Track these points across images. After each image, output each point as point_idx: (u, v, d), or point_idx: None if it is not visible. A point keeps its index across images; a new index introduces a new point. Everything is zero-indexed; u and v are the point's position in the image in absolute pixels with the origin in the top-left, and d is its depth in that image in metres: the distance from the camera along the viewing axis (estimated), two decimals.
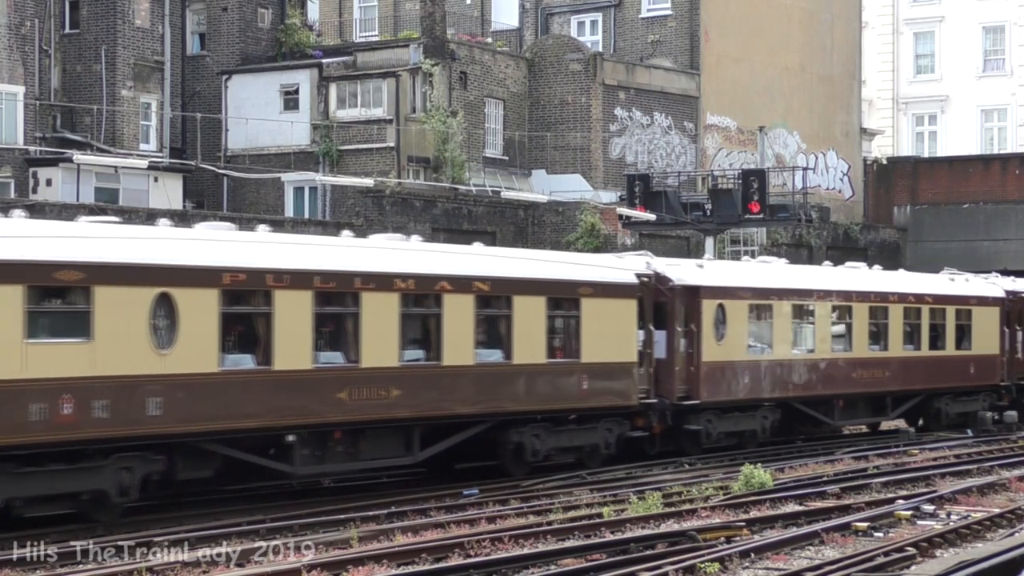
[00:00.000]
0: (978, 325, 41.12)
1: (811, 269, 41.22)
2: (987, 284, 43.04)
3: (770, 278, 35.09)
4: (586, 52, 57.13)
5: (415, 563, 18.37)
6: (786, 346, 34.31)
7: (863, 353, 36.78)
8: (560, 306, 28.69)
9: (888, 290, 38.23)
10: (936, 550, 19.53)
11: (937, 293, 40.14)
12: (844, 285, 36.85)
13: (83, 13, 50.83)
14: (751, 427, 33.54)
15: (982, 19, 78.39)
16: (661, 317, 31.03)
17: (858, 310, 36.75)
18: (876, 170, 67.73)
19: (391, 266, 25.48)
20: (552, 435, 28.26)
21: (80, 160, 43.51)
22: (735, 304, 32.71)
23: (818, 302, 35.43)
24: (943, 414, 40.11)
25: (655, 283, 30.85)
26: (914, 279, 41.69)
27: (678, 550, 19.14)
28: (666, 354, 31.04)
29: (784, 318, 34.37)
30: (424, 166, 51.61)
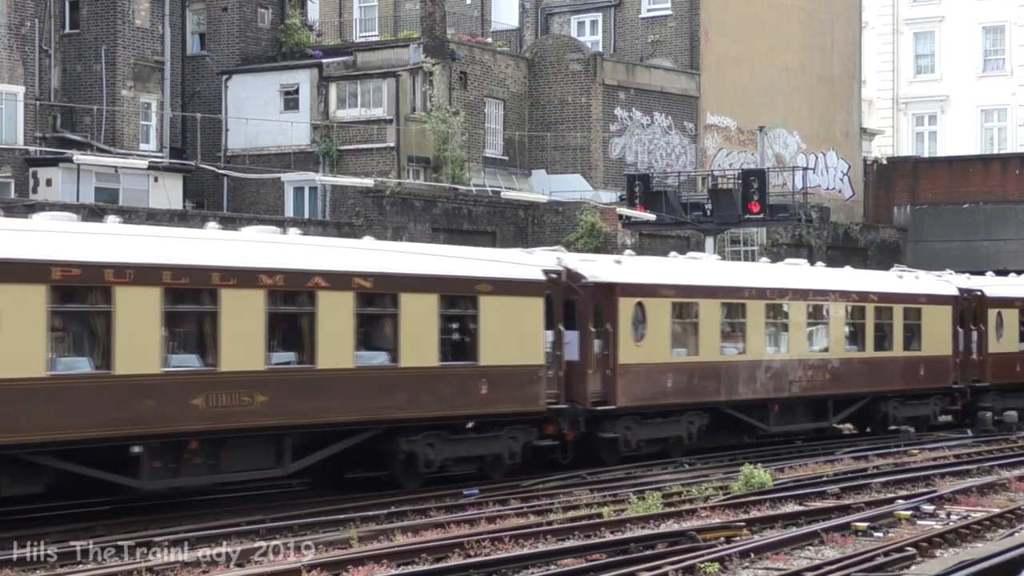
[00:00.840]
0: (929, 325, 39.32)
1: (745, 266, 39.69)
2: (939, 282, 41.28)
3: (697, 275, 33.04)
4: (586, 52, 57.14)
5: (415, 563, 18.37)
6: (714, 347, 32.45)
7: (801, 354, 34.92)
8: (455, 304, 26.72)
9: (829, 288, 36.36)
10: (936, 550, 19.53)
11: (883, 291, 38.32)
12: (780, 282, 35.06)
13: (83, 13, 50.84)
14: (675, 433, 31.63)
15: (982, 19, 78.40)
16: (574, 317, 29.22)
17: (795, 309, 34.89)
18: (876, 170, 67.73)
19: (256, 261, 23.47)
20: (448, 444, 26.32)
21: (80, 160, 43.50)
22: (656, 302, 30.88)
23: (750, 300, 33.51)
24: (890, 418, 38.45)
25: (566, 280, 28.89)
26: (859, 276, 39.88)
27: (678, 550, 19.14)
28: (579, 356, 29.11)
29: (712, 317, 32.46)
30: (424, 166, 51.62)
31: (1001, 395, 42.09)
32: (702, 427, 32.25)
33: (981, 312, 41.35)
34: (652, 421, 30.99)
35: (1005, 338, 42.10)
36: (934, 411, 40.03)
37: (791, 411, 35.22)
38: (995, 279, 45.13)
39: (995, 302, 41.96)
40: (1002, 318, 42.06)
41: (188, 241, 23.60)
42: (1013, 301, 43.09)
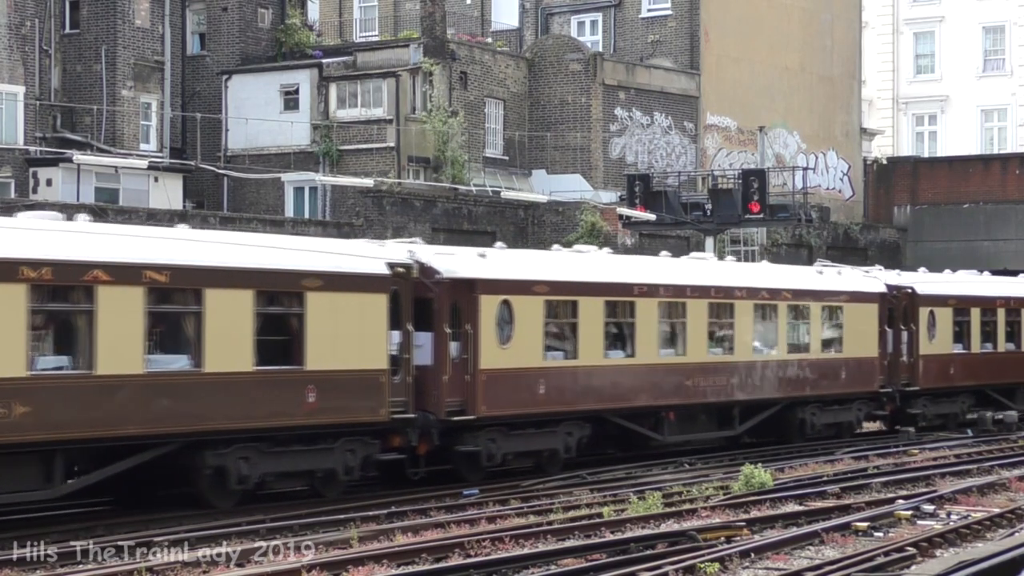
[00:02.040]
0: (852, 324, 36.51)
1: (637, 260, 36.19)
2: (864, 278, 38.42)
3: (576, 270, 29.87)
4: (586, 52, 57.14)
5: (415, 563, 18.37)
6: (597, 350, 29.45)
7: (701, 357, 31.96)
8: (276, 302, 23.90)
9: (734, 284, 33.45)
10: (936, 550, 19.53)
11: (798, 288, 35.40)
12: (677, 278, 32.11)
13: (83, 13, 50.84)
14: (551, 446, 28.62)
15: (982, 19, 78.40)
16: (428, 316, 26.35)
17: (694, 307, 31.87)
18: (876, 170, 67.73)
19: (19, 251, 20.58)
20: (267, 458, 23.52)
21: (80, 160, 43.52)
22: (526, 300, 27.86)
23: (641, 298, 30.50)
24: (808, 425, 35.42)
25: (418, 275, 26.03)
26: (771, 272, 37.03)
27: (678, 550, 19.14)
28: (432, 360, 26.19)
29: (594, 317, 29.44)
30: (424, 166, 51.63)
31: (934, 400, 39.61)
32: (583, 439, 29.27)
33: (912, 310, 38.60)
34: (522, 433, 28.01)
35: (938, 339, 39.37)
36: (858, 417, 37.48)
37: (690, 419, 32.41)
38: (927, 275, 42.14)
39: (927, 300, 39.10)
40: (935, 317, 39.30)
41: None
42: (947, 299, 40.22)
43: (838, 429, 36.57)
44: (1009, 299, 42.76)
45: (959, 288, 41.38)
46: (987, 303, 41.84)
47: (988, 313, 41.76)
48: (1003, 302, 42.39)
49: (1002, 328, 42.12)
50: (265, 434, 23.50)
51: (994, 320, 41.91)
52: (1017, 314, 42.83)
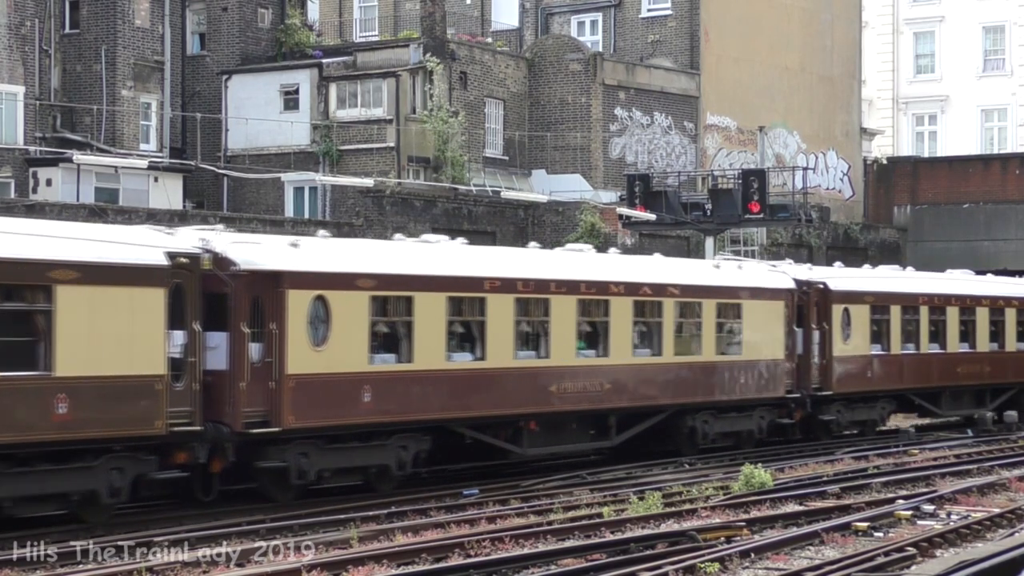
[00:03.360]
0: (753, 323, 33.43)
1: (491, 251, 32.92)
2: (769, 273, 35.47)
3: (413, 262, 26.58)
4: (586, 52, 57.14)
5: (415, 563, 18.38)
6: (437, 353, 26.19)
7: (568, 360, 28.75)
8: (16, 296, 20.86)
9: (611, 279, 30.17)
10: (936, 550, 19.54)
11: (688, 283, 32.23)
12: (539, 272, 28.77)
13: (83, 13, 50.84)
14: (380, 461, 25.55)
15: (982, 19, 78.40)
16: (225, 314, 23.36)
17: (560, 304, 28.67)
18: (876, 170, 67.74)
19: None
20: (5, 480, 20.54)
21: (80, 160, 43.50)
22: (347, 296, 24.70)
23: (494, 294, 27.27)
24: (700, 434, 32.38)
25: (211, 266, 22.96)
26: (657, 265, 33.40)
27: (678, 550, 19.15)
28: (228, 365, 23.12)
29: (434, 316, 26.14)
30: (424, 166, 51.62)
31: (848, 405, 36.83)
32: (421, 453, 26.16)
33: (824, 308, 35.69)
34: (343, 446, 24.92)
35: (853, 339, 36.51)
36: (760, 425, 34.03)
37: (557, 429, 29.09)
38: (842, 270, 39.71)
39: (841, 297, 36.23)
40: (850, 315, 36.45)
41: None
42: (863, 296, 37.32)
43: (737, 439, 33.56)
44: (933, 296, 39.89)
45: (878, 284, 38.76)
46: (909, 300, 38.90)
47: (910, 311, 38.86)
48: (927, 299, 39.54)
49: (925, 327, 39.28)
50: (2, 451, 20.35)
51: (916, 319, 39.04)
52: (942, 312, 39.99)
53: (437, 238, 29.37)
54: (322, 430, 24.41)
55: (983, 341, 41.38)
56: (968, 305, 41.01)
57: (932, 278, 42.54)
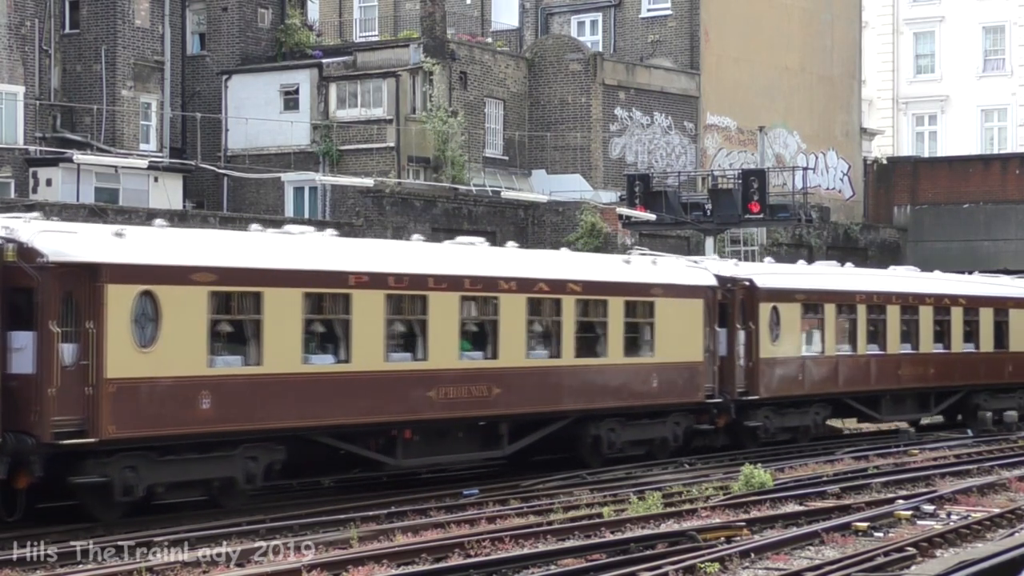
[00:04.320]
0: (667, 322, 30.85)
1: (359, 243, 29.67)
2: (687, 269, 32.81)
3: (264, 255, 24.05)
4: (586, 52, 57.15)
5: (415, 563, 18.38)
6: (292, 355, 23.77)
7: (449, 363, 26.33)
8: None
9: (501, 274, 27.64)
10: (936, 550, 19.53)
11: (591, 279, 29.74)
12: (415, 266, 26.27)
13: (83, 13, 50.84)
14: (226, 473, 23.12)
15: (982, 19, 78.40)
16: (31, 311, 21.09)
17: (441, 302, 26.18)
18: (876, 170, 67.76)
19: None
20: None
21: (80, 160, 43.52)
22: (181, 292, 22.29)
23: (361, 290, 24.87)
24: (603, 443, 29.81)
25: (16, 257, 20.83)
26: (557, 260, 30.96)
27: (678, 550, 19.14)
28: (35, 369, 20.79)
29: (288, 314, 23.79)
30: (424, 166, 51.63)
31: (778, 410, 34.44)
32: (275, 463, 23.93)
33: (751, 306, 33.39)
34: (177, 458, 22.51)
35: (783, 339, 34.15)
36: (675, 433, 31.47)
37: (438, 438, 26.83)
38: (772, 266, 37.84)
39: (770, 294, 33.84)
40: (779, 314, 34.03)
41: None
42: (794, 293, 34.85)
43: (649, 447, 31.10)
44: (872, 294, 37.46)
45: (811, 281, 36.52)
46: (845, 298, 36.53)
47: (846, 310, 36.56)
48: (865, 297, 37.10)
49: (863, 327, 36.88)
50: None
51: (854, 318, 36.65)
52: (882, 311, 37.59)
53: (301, 229, 26.32)
54: (151, 441, 21.99)
55: (927, 342, 39.00)
56: (911, 304, 38.63)
57: (872, 275, 40.79)
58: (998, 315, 41.67)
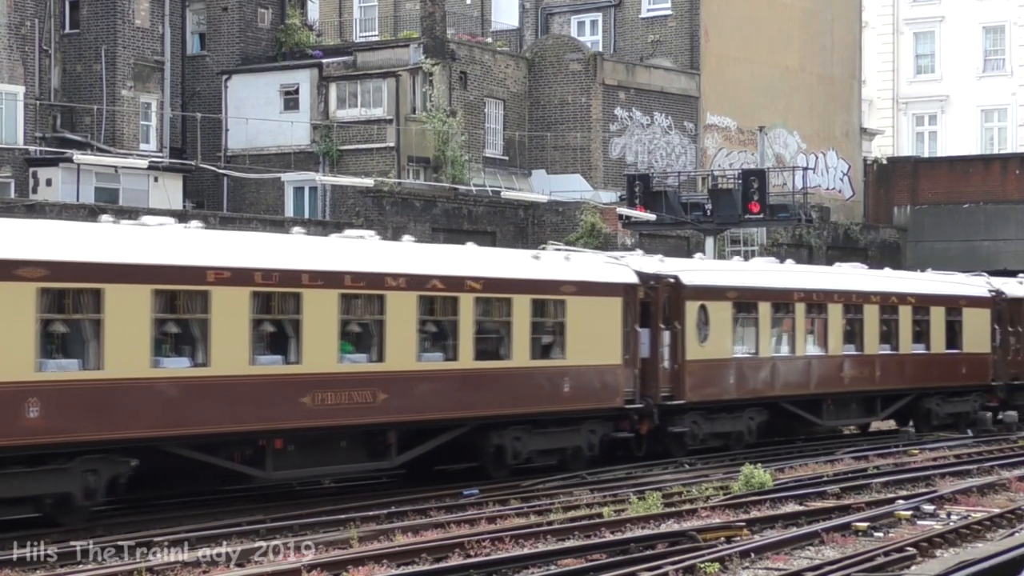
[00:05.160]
0: (580, 323, 28.52)
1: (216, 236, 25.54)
2: (605, 265, 30.50)
3: (106, 249, 21.78)
4: (586, 52, 57.16)
5: (415, 563, 18.37)
6: (140, 357, 21.56)
7: (327, 366, 24.02)
8: None
9: (387, 270, 25.38)
10: (936, 550, 19.53)
11: (493, 276, 27.22)
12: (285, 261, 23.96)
13: (83, 13, 50.86)
14: (60, 488, 20.87)
15: (982, 19, 78.42)
16: None
17: (316, 299, 23.91)
18: (876, 170, 67.78)
19: None
20: None
21: (80, 160, 43.51)
22: (5, 289, 20.18)
23: (221, 288, 22.62)
24: (507, 453, 27.31)
25: None
26: (454, 256, 28.13)
27: (678, 550, 19.14)
28: None
29: (134, 313, 21.53)
30: (424, 166, 51.64)
31: (707, 415, 32.16)
32: (121, 477, 21.67)
33: (677, 305, 31.13)
34: (1, 473, 20.26)
35: (712, 340, 31.91)
36: (590, 441, 29.13)
37: (317, 448, 24.53)
38: (701, 262, 35.73)
39: (697, 292, 31.65)
40: (708, 313, 31.86)
41: None
42: (725, 291, 32.68)
43: (562, 456, 28.72)
44: (811, 292, 35.26)
45: (744, 278, 34.36)
46: (782, 296, 34.36)
47: (783, 309, 34.38)
48: (804, 295, 34.85)
49: (802, 327, 34.81)
50: None
51: (792, 317, 34.49)
52: (823, 310, 35.48)
53: (160, 220, 24.15)
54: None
55: (872, 342, 36.78)
56: (855, 302, 36.38)
57: (813, 272, 39.23)
58: (950, 314, 39.68)
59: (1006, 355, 41.39)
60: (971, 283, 41.91)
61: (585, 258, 30.72)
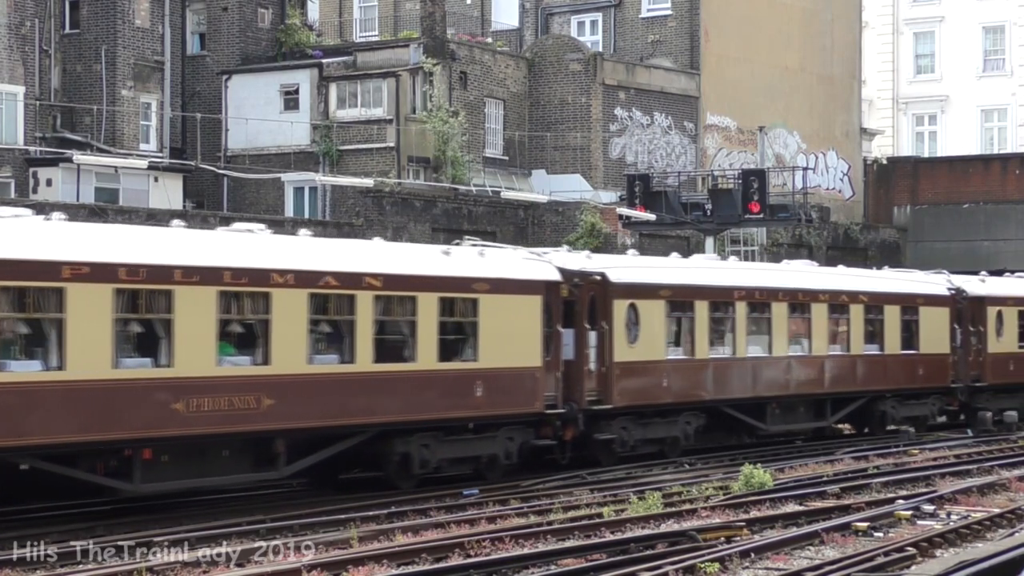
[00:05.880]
0: (496, 322, 26.79)
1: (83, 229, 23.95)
2: (524, 261, 28.61)
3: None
4: (586, 52, 57.17)
5: (415, 563, 18.38)
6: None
7: (203, 370, 22.32)
8: None
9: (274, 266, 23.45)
10: (936, 550, 19.54)
11: (394, 273, 25.38)
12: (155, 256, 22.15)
13: (83, 13, 50.86)
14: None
15: (982, 19, 78.42)
16: None
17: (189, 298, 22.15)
18: (876, 170, 67.78)
19: None
20: None
21: (80, 160, 43.52)
22: None
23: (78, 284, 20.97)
24: (414, 461, 25.66)
25: None
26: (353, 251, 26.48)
27: (678, 550, 19.15)
28: None
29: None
30: (424, 166, 51.65)
31: (638, 421, 30.43)
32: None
33: (604, 304, 29.45)
34: None
35: (643, 341, 30.28)
36: (507, 449, 27.27)
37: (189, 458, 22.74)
38: (631, 258, 33.74)
39: (626, 290, 29.94)
40: (638, 312, 30.19)
41: None
42: (657, 289, 30.85)
43: (476, 465, 26.99)
44: (754, 290, 33.61)
45: (678, 275, 32.40)
46: (721, 295, 32.63)
47: (723, 308, 32.66)
48: (745, 293, 33.16)
49: (743, 327, 33.11)
50: None
51: (732, 317, 32.84)
52: (765, 309, 33.83)
53: (14, 212, 22.23)
54: None
55: (821, 343, 35.21)
56: (801, 301, 34.70)
57: (756, 269, 37.47)
58: (906, 313, 38.12)
59: (967, 356, 39.99)
60: (929, 281, 40.49)
61: (502, 254, 28.82)
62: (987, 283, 41.93)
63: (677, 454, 31.36)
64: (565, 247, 32.61)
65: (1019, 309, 41.70)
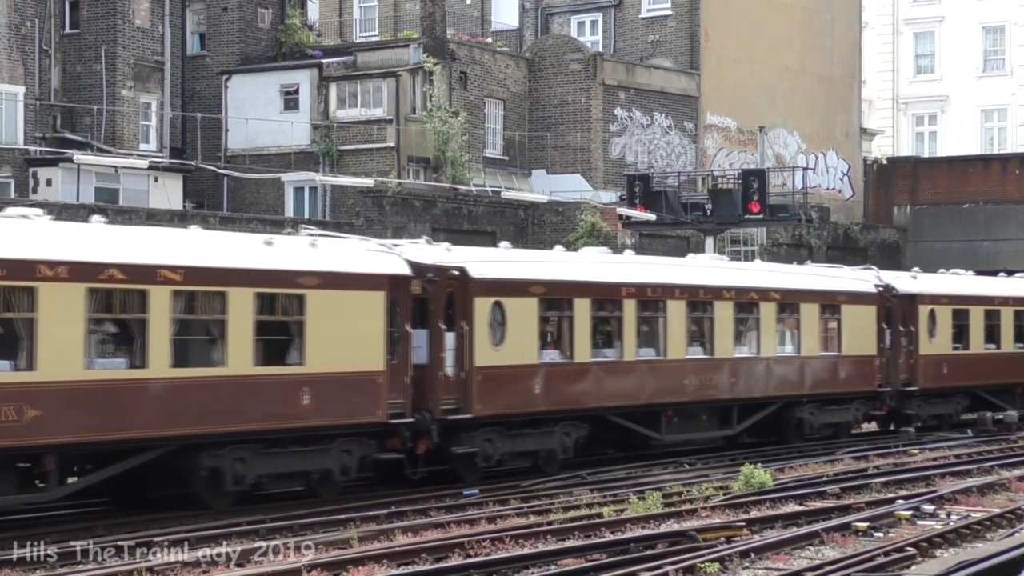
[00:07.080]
0: (328, 322, 24.11)
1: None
2: (365, 254, 25.66)
3: None
4: (586, 52, 57.17)
5: (415, 563, 18.38)
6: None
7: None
8: None
9: (41, 257, 20.56)
10: (936, 550, 19.54)
11: (198, 266, 22.53)
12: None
13: (83, 13, 50.86)
14: None
15: (982, 19, 78.42)
16: None
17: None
18: (876, 170, 67.78)
19: None
20: None
21: (80, 160, 43.53)
22: None
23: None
24: (226, 477, 23.03)
25: None
26: (150, 241, 23.21)
27: (678, 550, 19.15)
28: None
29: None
30: (424, 166, 51.65)
31: (505, 432, 27.45)
32: None
33: (464, 302, 26.52)
34: None
35: (511, 343, 27.30)
36: (344, 463, 24.53)
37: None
38: (499, 251, 31.14)
39: (490, 287, 27.00)
40: (504, 312, 27.17)
41: None
42: (528, 285, 27.90)
43: (306, 481, 24.47)
44: (645, 287, 30.69)
45: (553, 270, 29.56)
46: (606, 292, 29.87)
47: (608, 306, 29.94)
48: (635, 290, 30.31)
49: (632, 327, 30.13)
50: None
51: (619, 316, 29.99)
52: (659, 307, 31.01)
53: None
54: None
55: (725, 344, 32.40)
56: (702, 298, 31.95)
57: (650, 263, 34.03)
58: (826, 312, 35.53)
59: (897, 358, 37.45)
60: (854, 277, 37.86)
61: (338, 245, 25.71)
62: (919, 280, 39.42)
63: (555, 468, 28.40)
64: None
65: (953, 308, 39.23)
